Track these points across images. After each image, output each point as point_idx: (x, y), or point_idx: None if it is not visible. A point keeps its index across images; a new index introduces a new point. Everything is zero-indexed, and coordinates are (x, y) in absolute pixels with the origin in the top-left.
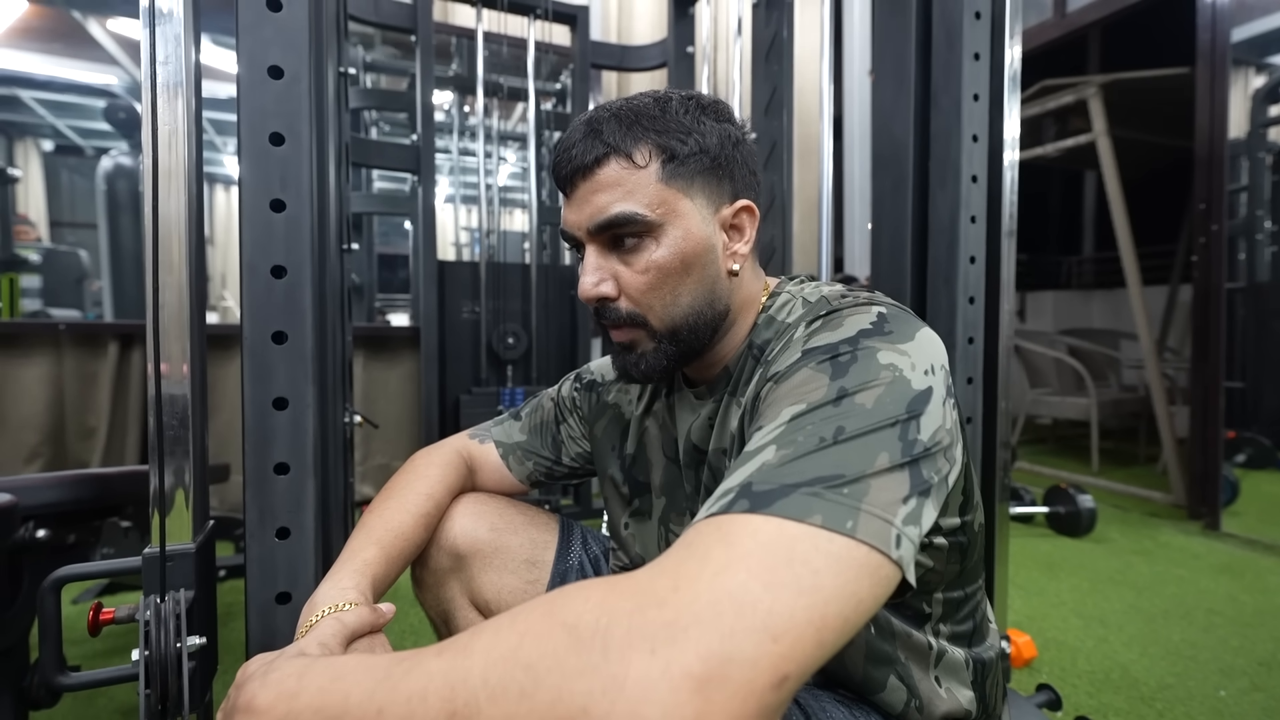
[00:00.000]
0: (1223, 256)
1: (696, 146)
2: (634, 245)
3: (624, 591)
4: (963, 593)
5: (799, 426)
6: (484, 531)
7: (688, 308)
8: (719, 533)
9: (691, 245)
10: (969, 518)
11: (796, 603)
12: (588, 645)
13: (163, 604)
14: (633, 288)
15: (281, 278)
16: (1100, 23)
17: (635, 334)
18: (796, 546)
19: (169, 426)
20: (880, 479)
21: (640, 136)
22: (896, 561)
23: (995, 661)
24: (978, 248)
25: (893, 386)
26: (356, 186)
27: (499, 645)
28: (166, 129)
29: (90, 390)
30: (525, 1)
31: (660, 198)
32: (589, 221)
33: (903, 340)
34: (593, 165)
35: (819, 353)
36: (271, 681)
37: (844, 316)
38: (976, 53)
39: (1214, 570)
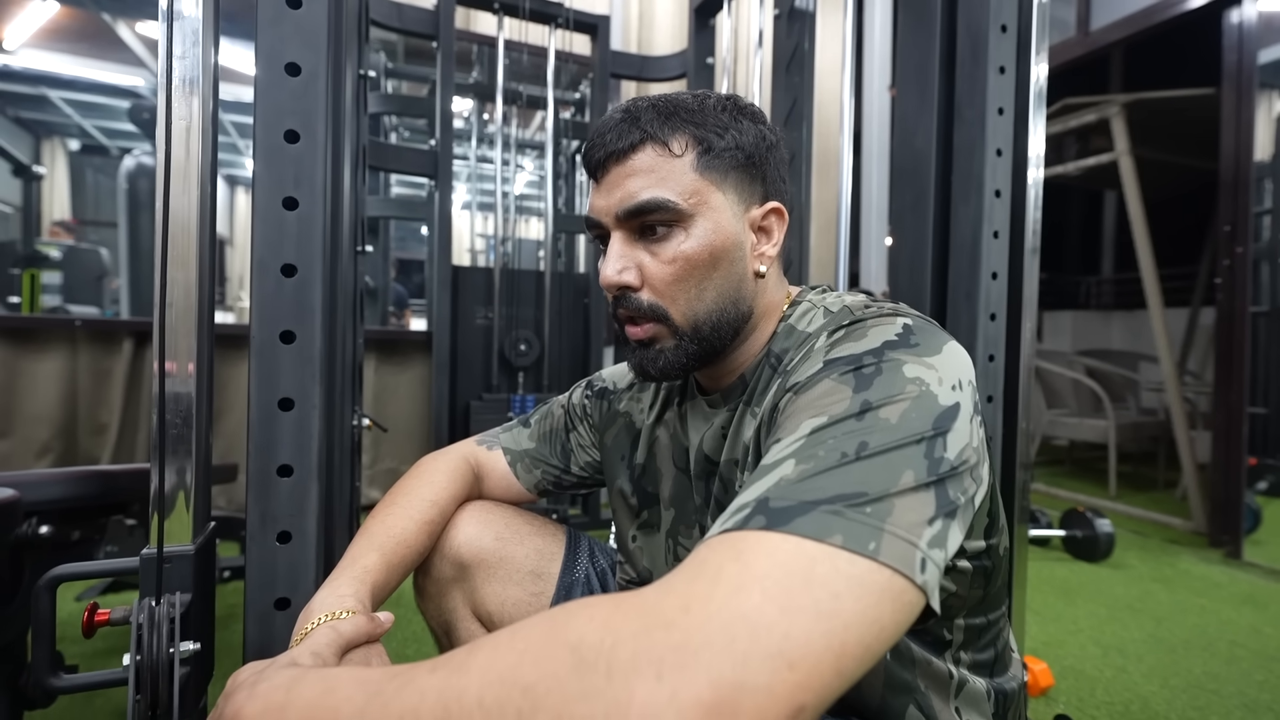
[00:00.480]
0: (1247, 280)
1: (733, 142)
2: (663, 234)
3: (630, 611)
4: (985, 619)
5: (820, 440)
6: (489, 540)
7: (712, 304)
8: (733, 550)
9: (721, 239)
10: (994, 541)
11: (815, 628)
12: (590, 667)
13: (157, 607)
14: (658, 278)
15: (292, 276)
16: (1124, 42)
17: (655, 329)
18: (816, 568)
19: (172, 425)
20: (905, 498)
21: (678, 126)
22: (921, 586)
23: (1018, 693)
24: (1000, 263)
25: (919, 401)
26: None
27: (497, 664)
28: (181, 125)
29: (104, 386)
30: (546, 10)
31: (693, 188)
32: (619, 206)
33: (929, 353)
34: (627, 150)
35: (842, 363)
36: (260, 693)
37: (868, 327)
38: (1002, 66)
39: (1237, 601)
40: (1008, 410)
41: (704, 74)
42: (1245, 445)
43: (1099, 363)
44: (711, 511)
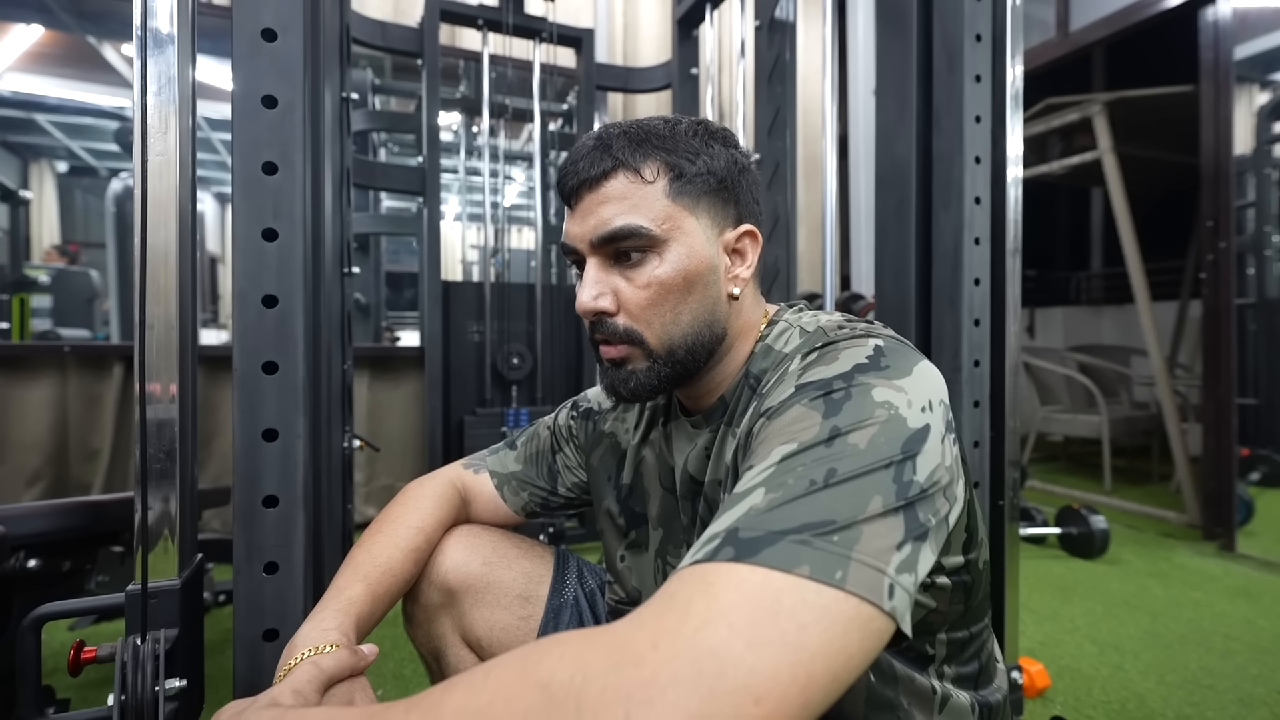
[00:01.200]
0: (1232, 273)
1: (704, 167)
2: (637, 260)
3: (600, 647)
4: (967, 633)
5: (789, 468)
6: (476, 566)
7: (687, 327)
8: (702, 583)
9: (695, 263)
10: (973, 555)
11: (780, 660)
12: (559, 706)
13: (142, 645)
14: (633, 303)
15: (273, 307)
16: (1104, 41)
17: (629, 350)
18: (783, 599)
19: (155, 458)
20: (873, 525)
21: (649, 153)
22: (889, 613)
23: (1003, 705)
24: (982, 270)
25: (887, 426)
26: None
27: (470, 705)
28: (158, 149)
29: (94, 412)
30: (531, 25)
31: (666, 213)
32: (593, 233)
33: (899, 375)
34: (600, 178)
35: (812, 389)
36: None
37: (840, 349)
38: (978, 75)
39: (1231, 594)
40: (995, 413)
41: (688, 85)
42: (1236, 436)
43: (1091, 358)
44: (697, 531)
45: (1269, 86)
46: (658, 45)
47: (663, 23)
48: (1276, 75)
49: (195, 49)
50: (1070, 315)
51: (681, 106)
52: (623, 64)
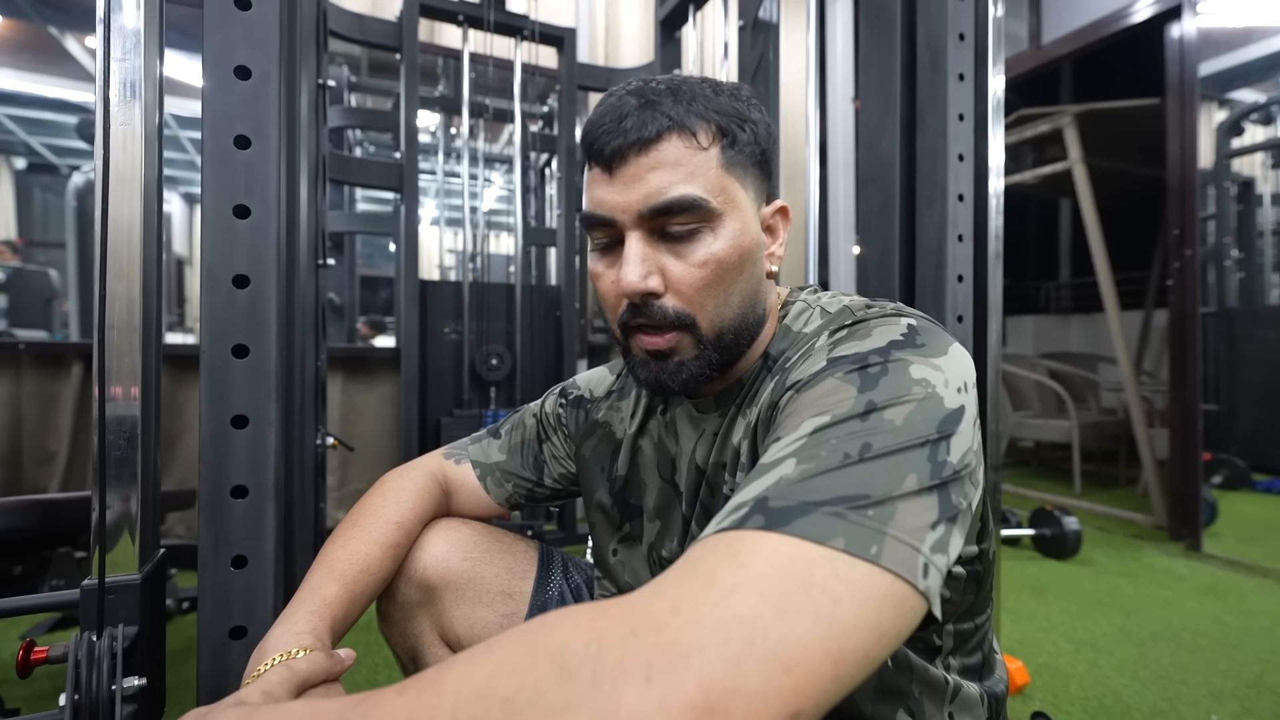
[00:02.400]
0: (1196, 281)
1: (751, 135)
2: (689, 235)
3: (617, 615)
4: (973, 624)
5: (822, 440)
6: (457, 561)
7: (737, 309)
8: (729, 550)
9: (748, 240)
10: (985, 545)
11: (813, 632)
12: (574, 675)
13: (98, 641)
14: (685, 283)
15: (244, 288)
16: (1074, 54)
17: (679, 339)
18: (815, 571)
19: (115, 447)
20: (908, 502)
21: (703, 114)
22: (923, 592)
23: (1004, 695)
24: (965, 266)
25: (925, 404)
26: (339, 205)
27: (472, 677)
28: (121, 136)
29: (51, 413)
30: (512, 23)
31: (722, 184)
32: (643, 203)
33: (936, 354)
34: (652, 140)
35: (846, 362)
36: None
37: (872, 327)
38: (961, 73)
39: (1198, 592)
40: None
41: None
42: (1200, 441)
43: (1060, 365)
44: (697, 518)
45: (1227, 104)
46: (640, 46)
47: (645, 24)
48: (1234, 93)
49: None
50: (1040, 323)
51: None
52: (605, 64)
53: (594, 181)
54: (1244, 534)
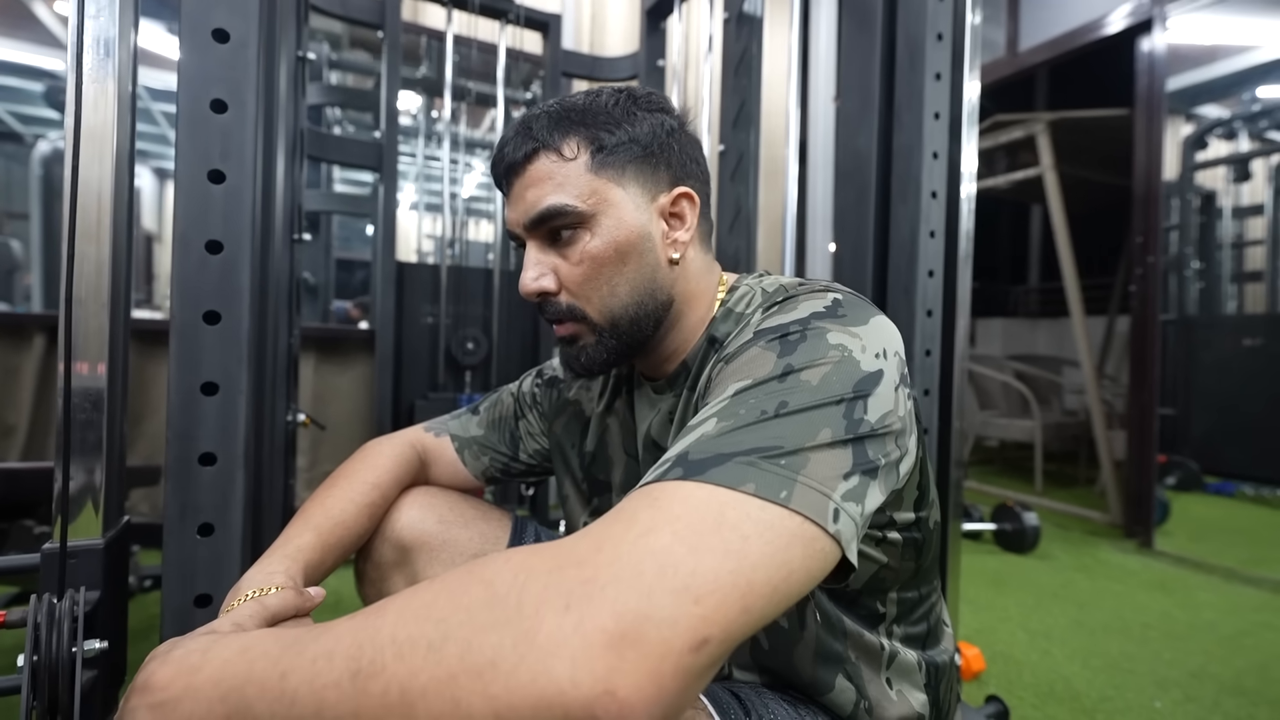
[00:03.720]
0: (1158, 288)
1: (626, 136)
2: (569, 237)
3: (545, 553)
4: (917, 593)
5: (742, 400)
6: (432, 524)
7: (627, 298)
8: (649, 498)
9: (625, 234)
10: (924, 514)
11: (722, 566)
12: (502, 601)
13: (59, 604)
14: (571, 280)
15: (217, 253)
16: (1048, 63)
17: (576, 328)
18: (726, 512)
19: (80, 410)
20: (820, 453)
21: (568, 130)
22: (834, 535)
23: (949, 666)
24: (936, 262)
25: (840, 366)
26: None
27: (414, 603)
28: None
29: (10, 386)
30: (497, 6)
31: (591, 188)
32: (524, 217)
33: (855, 324)
34: (523, 161)
35: (769, 333)
36: (173, 658)
37: (799, 300)
38: (938, 73)
39: (1148, 586)
40: (943, 407)
41: (655, 76)
42: (1156, 443)
43: (1026, 367)
44: None
45: (1193, 119)
46: (625, 36)
47: (631, 13)
48: (1200, 108)
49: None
50: (1008, 326)
51: None
52: (590, 52)
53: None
54: (1194, 533)
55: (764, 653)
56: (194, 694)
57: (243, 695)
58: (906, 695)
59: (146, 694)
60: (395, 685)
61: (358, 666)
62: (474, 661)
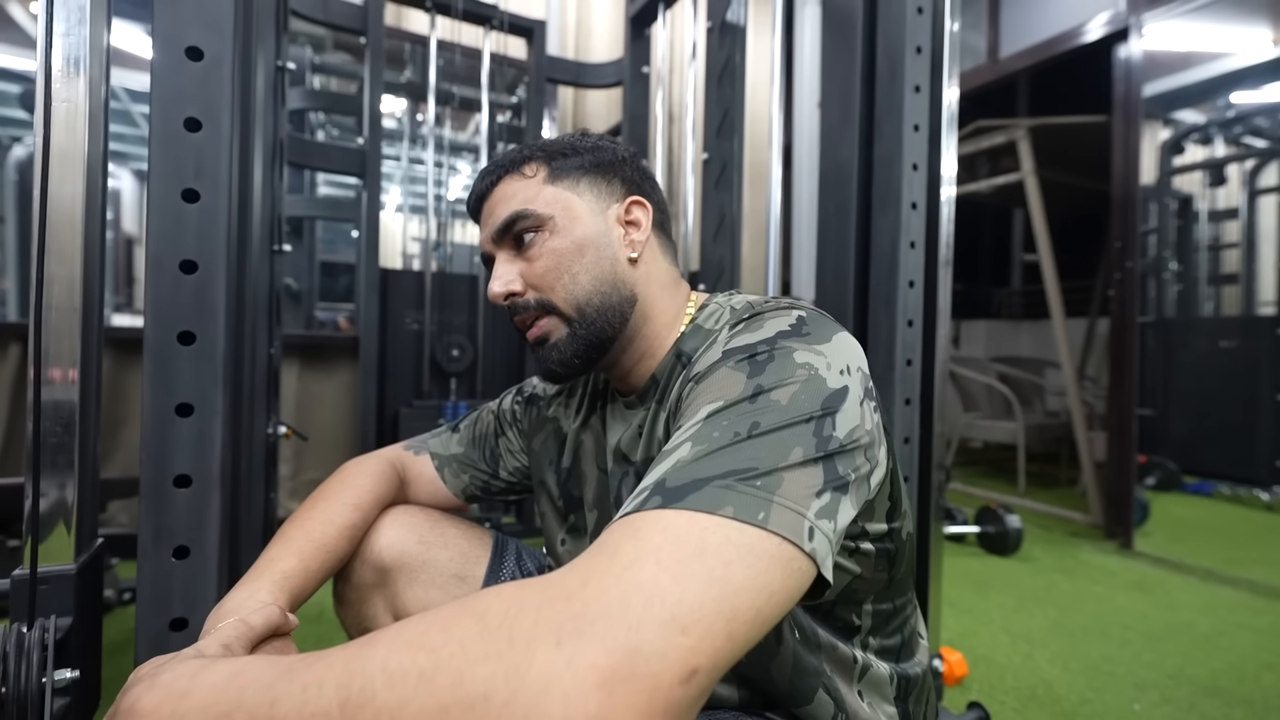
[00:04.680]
0: (1136, 291)
1: (578, 155)
2: (531, 240)
3: (535, 587)
4: (892, 605)
5: (715, 423)
6: (412, 544)
7: (589, 286)
8: (631, 529)
9: (582, 230)
10: (897, 525)
11: (706, 594)
12: (494, 634)
13: (28, 633)
14: (534, 275)
15: (192, 273)
16: (1029, 70)
17: (548, 323)
18: (707, 538)
19: (51, 433)
20: (793, 472)
21: (528, 156)
22: (810, 554)
23: (922, 678)
24: (916, 273)
25: (808, 384)
26: (299, 189)
27: (405, 633)
28: (64, 109)
29: None
30: (481, 12)
31: (549, 196)
32: (491, 230)
33: (819, 341)
34: (490, 188)
35: (738, 352)
36: (161, 683)
37: (765, 319)
38: (917, 85)
39: (1128, 587)
40: (924, 413)
41: (639, 83)
42: (1136, 444)
43: (1009, 369)
44: (615, 506)
45: (1170, 124)
46: (610, 42)
47: (615, 20)
48: (1176, 114)
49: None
50: (992, 328)
51: (632, 104)
52: (574, 58)
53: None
54: (1173, 533)
55: (742, 665)
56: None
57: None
58: (877, 708)
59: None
60: (385, 714)
61: (347, 695)
62: (466, 693)
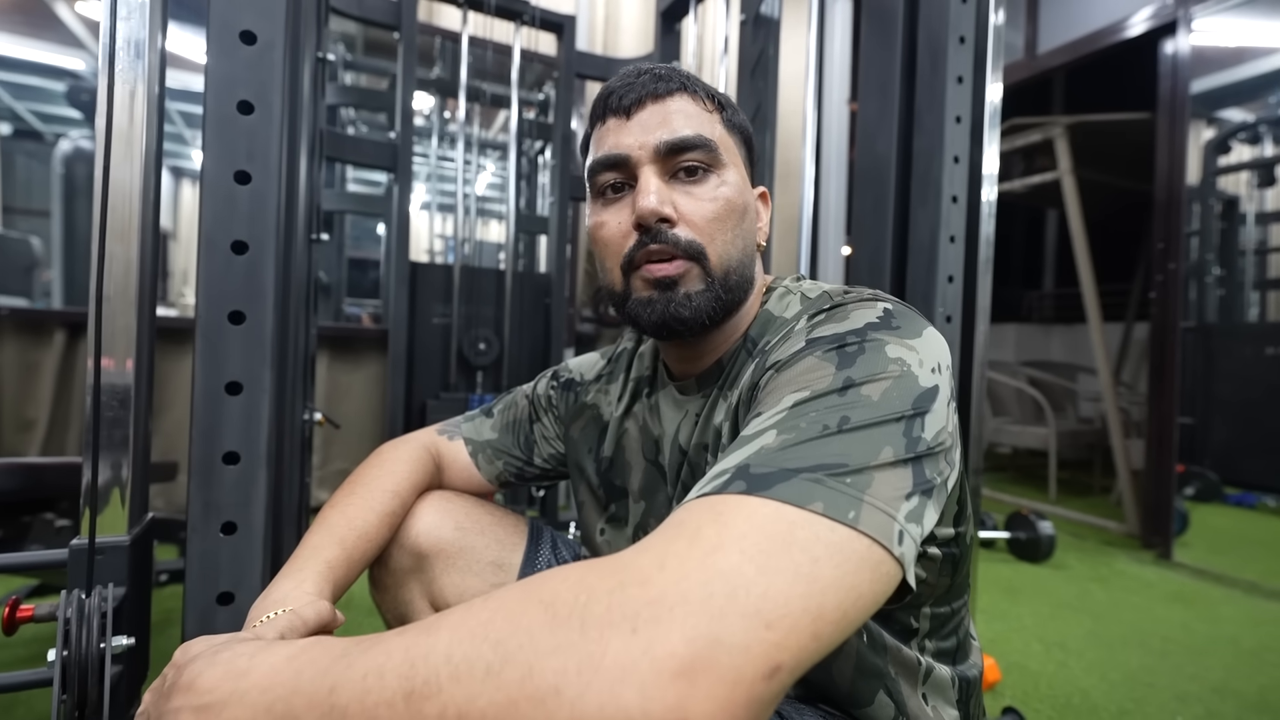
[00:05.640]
0: (1178, 295)
1: (741, 120)
2: (700, 176)
3: (606, 570)
4: (949, 608)
5: (802, 413)
6: (449, 531)
7: (740, 255)
8: (712, 512)
9: (745, 197)
10: (963, 529)
11: (793, 589)
12: (564, 623)
13: (87, 600)
14: (698, 215)
15: (243, 254)
16: (1068, 66)
17: (687, 267)
18: (796, 532)
19: (108, 407)
20: (884, 472)
21: (706, 90)
22: (898, 558)
23: (977, 679)
24: (956, 267)
25: (900, 381)
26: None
27: (468, 621)
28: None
29: (31, 381)
30: (512, 7)
31: (725, 142)
32: (660, 139)
33: (911, 336)
34: (667, 93)
35: (825, 342)
36: (221, 660)
37: (849, 310)
38: (960, 76)
39: (1167, 598)
40: (961, 415)
41: None
42: (1175, 453)
43: (1040, 373)
44: (679, 498)
45: (1215, 123)
46: (639, 37)
47: (645, 14)
48: (1222, 112)
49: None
50: (1022, 332)
51: None
52: (603, 54)
53: (608, 132)
54: (1214, 545)
55: None
56: (241, 699)
57: (289, 706)
58: (940, 711)
59: (191, 695)
60: (452, 709)
61: (411, 687)
62: (536, 687)
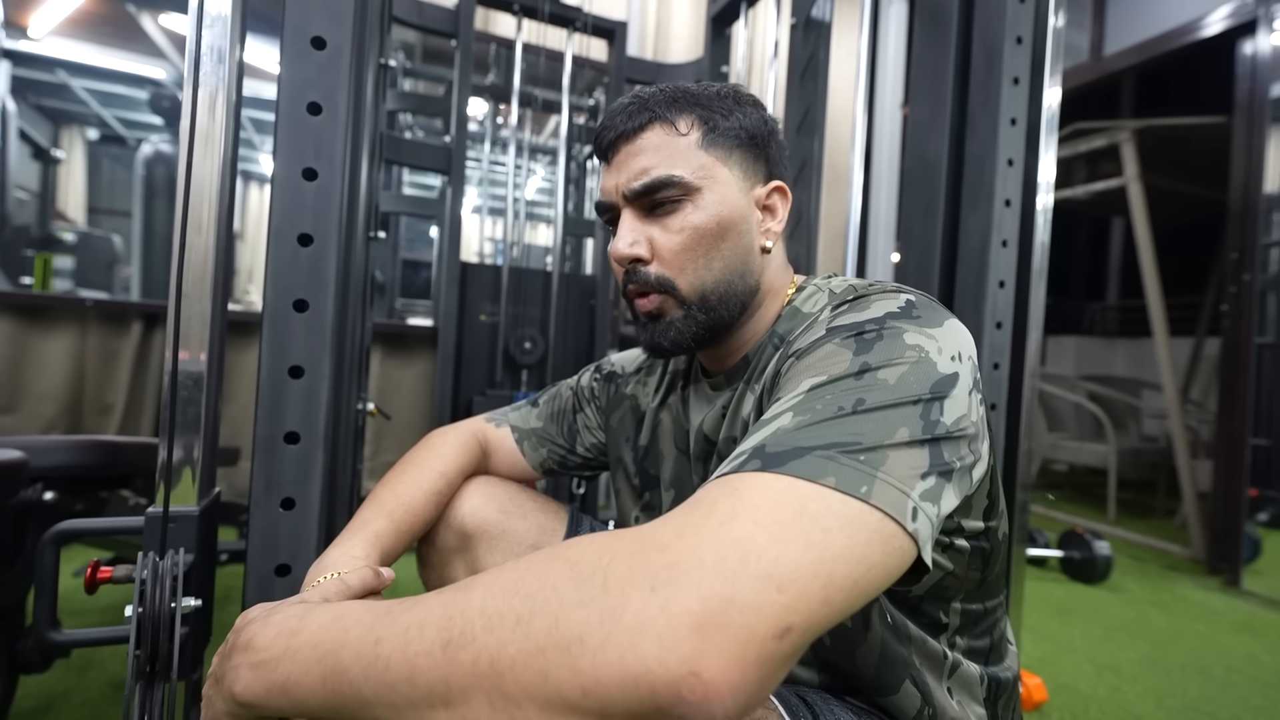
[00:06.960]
0: (1253, 308)
1: (736, 123)
2: (671, 209)
3: (628, 537)
4: (982, 606)
5: (818, 396)
6: (493, 513)
7: (719, 274)
8: (728, 488)
9: (728, 211)
10: (994, 524)
11: (804, 556)
12: (588, 580)
13: (161, 561)
14: (666, 249)
15: (308, 246)
16: (1136, 68)
17: (662, 300)
18: (807, 504)
19: (183, 389)
20: (898, 451)
21: (683, 108)
22: (911, 534)
23: (1012, 683)
24: (1008, 273)
25: (917, 366)
26: (387, 186)
27: (500, 580)
28: (206, 107)
29: (111, 367)
30: (565, 14)
31: (700, 163)
32: (628, 184)
33: (931, 326)
34: (635, 131)
35: (843, 330)
36: (274, 621)
37: (872, 300)
38: (1016, 78)
39: (1234, 628)
40: (1010, 423)
41: (719, 82)
42: (1247, 475)
43: (1101, 388)
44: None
45: None
46: (690, 42)
47: (695, 19)
48: None
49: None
50: (1082, 345)
51: None
52: (654, 59)
53: (603, 173)
54: None
55: (826, 649)
56: (293, 655)
57: (338, 658)
58: (966, 707)
59: (249, 653)
60: (485, 655)
61: (448, 636)
62: (562, 636)
